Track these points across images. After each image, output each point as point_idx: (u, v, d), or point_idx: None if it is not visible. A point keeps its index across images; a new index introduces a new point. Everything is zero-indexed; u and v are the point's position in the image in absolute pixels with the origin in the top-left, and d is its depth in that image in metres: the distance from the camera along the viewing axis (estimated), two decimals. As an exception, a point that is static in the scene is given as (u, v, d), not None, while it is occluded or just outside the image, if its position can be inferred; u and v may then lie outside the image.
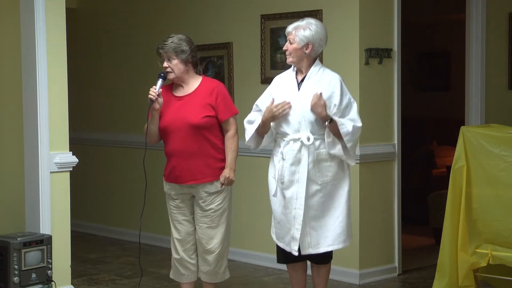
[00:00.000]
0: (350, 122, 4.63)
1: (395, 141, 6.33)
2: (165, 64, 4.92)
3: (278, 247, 4.84)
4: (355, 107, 4.72)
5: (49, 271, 5.22)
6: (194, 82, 4.97)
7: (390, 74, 6.26)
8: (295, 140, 4.65)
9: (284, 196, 4.68)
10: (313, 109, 4.58)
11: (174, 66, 4.90)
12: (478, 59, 6.78)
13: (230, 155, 4.93)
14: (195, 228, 5.02)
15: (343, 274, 6.10)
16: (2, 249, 5.09)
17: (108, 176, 8.20)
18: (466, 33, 6.87)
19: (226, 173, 4.89)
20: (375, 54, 6.12)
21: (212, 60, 7.05)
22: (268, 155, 6.40)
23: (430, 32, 10.08)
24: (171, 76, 4.93)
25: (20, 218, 5.44)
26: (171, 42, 4.91)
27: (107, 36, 8.14)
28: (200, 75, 5.03)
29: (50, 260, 5.23)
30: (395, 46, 6.26)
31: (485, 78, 6.82)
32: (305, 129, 4.63)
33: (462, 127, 5.09)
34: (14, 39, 5.40)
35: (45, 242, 5.20)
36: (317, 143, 4.65)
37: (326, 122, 4.59)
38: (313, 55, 4.73)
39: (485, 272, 5.07)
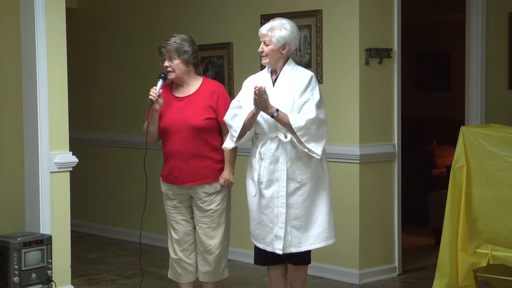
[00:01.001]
0: (302, 117, 4.57)
1: (395, 141, 6.33)
2: (166, 63, 4.90)
3: (256, 249, 4.84)
4: (316, 101, 4.61)
5: (49, 271, 5.22)
6: (194, 83, 4.96)
7: (390, 74, 6.26)
8: (272, 139, 4.64)
9: (263, 196, 4.67)
10: (255, 104, 4.53)
11: (175, 66, 4.89)
12: (478, 59, 6.78)
13: (228, 157, 4.94)
14: (193, 228, 5.01)
15: (343, 274, 6.11)
16: (2, 249, 5.09)
17: (108, 176, 8.20)
18: (466, 33, 6.86)
19: (226, 175, 4.89)
20: (375, 54, 6.12)
21: (212, 60, 7.05)
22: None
23: (430, 32, 10.09)
24: (171, 76, 4.91)
25: (20, 218, 5.44)
26: (174, 42, 4.89)
27: (107, 36, 8.14)
28: (200, 75, 5.02)
29: (50, 260, 5.22)
30: (395, 46, 6.26)
31: (485, 78, 6.81)
32: (282, 127, 4.61)
33: (462, 127, 5.09)
34: (14, 39, 5.40)
35: (45, 242, 5.20)
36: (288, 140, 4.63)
37: (273, 114, 4.54)
38: (288, 54, 4.72)
39: (485, 272, 5.07)
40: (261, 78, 4.79)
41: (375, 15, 6.18)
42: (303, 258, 4.77)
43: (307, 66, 6.21)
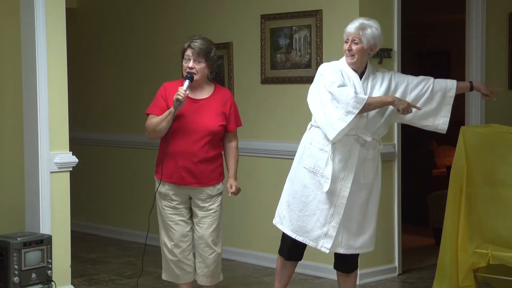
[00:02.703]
0: (430, 78, 4.68)
1: (395, 141, 6.33)
2: (191, 64, 4.81)
3: (290, 242, 4.71)
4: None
5: (49, 271, 5.22)
6: (208, 88, 4.94)
7: (390, 74, 6.25)
8: (348, 136, 4.51)
9: (325, 191, 4.54)
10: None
11: (200, 69, 4.82)
12: (478, 59, 6.78)
13: (234, 165, 4.96)
14: (190, 229, 5.00)
15: (343, 274, 6.10)
16: (2, 249, 5.09)
17: (108, 176, 8.20)
18: (466, 33, 6.86)
19: (234, 182, 4.91)
20: (375, 54, 6.10)
21: (212, 60, 7.04)
22: (268, 155, 6.42)
23: (430, 32, 10.09)
24: (194, 77, 4.83)
25: (20, 218, 5.44)
26: (202, 44, 4.82)
27: (107, 36, 8.14)
28: (210, 80, 5.01)
29: (50, 260, 5.22)
30: (395, 46, 6.26)
31: (485, 78, 6.81)
32: (363, 126, 4.53)
33: (462, 127, 5.09)
34: (14, 39, 5.40)
35: (45, 242, 5.20)
36: (368, 141, 4.58)
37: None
38: (371, 56, 4.66)
39: (485, 272, 5.07)
40: (345, 69, 4.60)
41: (375, 15, 6.15)
42: (353, 263, 4.75)
43: (307, 66, 6.22)
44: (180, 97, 4.69)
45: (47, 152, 5.33)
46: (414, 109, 4.59)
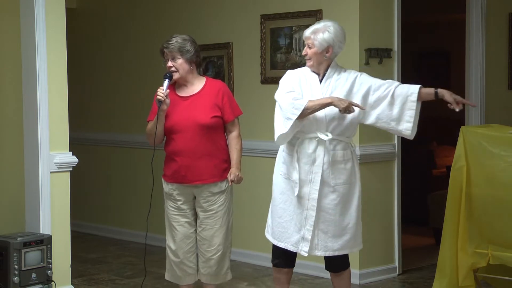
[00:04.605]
0: (394, 82, 4.69)
1: (395, 141, 6.33)
2: (170, 63, 4.88)
3: (277, 250, 4.77)
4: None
5: (49, 271, 5.22)
6: (198, 83, 4.95)
7: (390, 74, 6.26)
8: (311, 139, 4.57)
9: (296, 196, 4.61)
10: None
11: (179, 65, 4.87)
12: (478, 59, 6.78)
13: (236, 154, 4.93)
14: (194, 231, 5.00)
15: (343, 274, 6.11)
16: (2, 249, 5.09)
17: (108, 176, 8.20)
18: (466, 33, 6.86)
19: (234, 171, 4.89)
20: (375, 54, 6.12)
21: (212, 60, 7.05)
22: (268, 155, 6.42)
23: (430, 32, 10.09)
24: (175, 76, 4.88)
25: (20, 218, 5.44)
26: (176, 41, 4.87)
27: (107, 36, 8.14)
28: (202, 76, 5.02)
29: (50, 260, 5.22)
30: (395, 46, 6.26)
31: (485, 78, 6.82)
32: (324, 128, 4.57)
33: (462, 127, 5.09)
34: (14, 39, 5.40)
35: (45, 242, 5.20)
36: (334, 143, 4.59)
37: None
38: (333, 57, 4.67)
39: (485, 272, 5.07)
40: (305, 76, 4.68)
41: (375, 15, 6.18)
42: (341, 263, 4.74)
43: (307, 66, 6.21)
44: (159, 97, 4.76)
45: (47, 152, 5.33)
46: (376, 112, 4.60)
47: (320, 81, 4.65)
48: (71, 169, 5.48)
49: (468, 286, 4.98)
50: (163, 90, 4.77)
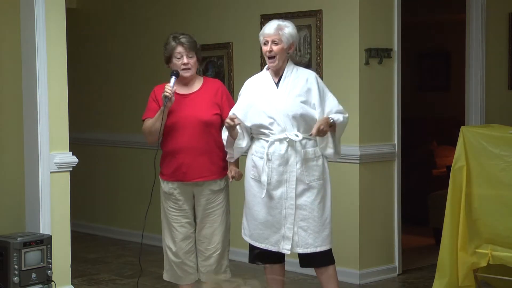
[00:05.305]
0: (340, 115, 4.64)
1: (395, 141, 6.33)
2: (186, 60, 4.83)
3: (252, 248, 4.81)
4: (335, 98, 4.70)
5: (49, 271, 5.22)
6: (197, 81, 4.96)
7: (390, 74, 6.26)
8: (281, 140, 4.61)
9: (272, 198, 4.65)
10: (320, 134, 4.54)
11: (194, 63, 4.86)
12: (478, 59, 6.78)
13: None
14: (194, 231, 5.00)
15: (343, 274, 6.09)
16: (2, 249, 5.09)
17: (108, 176, 8.20)
18: (466, 33, 6.86)
19: (235, 167, 4.88)
20: (375, 54, 6.12)
21: (212, 60, 7.05)
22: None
23: (430, 32, 10.08)
24: (188, 73, 4.85)
25: (20, 218, 5.44)
26: (190, 38, 4.85)
27: (107, 36, 8.14)
28: (200, 75, 5.03)
29: (50, 260, 5.22)
30: (395, 46, 6.26)
31: (485, 78, 6.81)
32: (291, 128, 4.60)
33: (462, 127, 5.09)
34: (14, 39, 5.40)
35: (45, 242, 5.20)
36: (304, 142, 4.62)
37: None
38: (291, 55, 4.70)
39: (485, 272, 5.07)
40: (261, 80, 4.76)
41: (375, 15, 6.18)
42: (325, 258, 4.72)
43: (307, 66, 6.20)
44: (167, 93, 4.73)
45: (47, 152, 5.33)
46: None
47: (278, 82, 4.68)
48: (71, 169, 5.48)
49: (468, 286, 4.98)
50: (170, 87, 4.75)
